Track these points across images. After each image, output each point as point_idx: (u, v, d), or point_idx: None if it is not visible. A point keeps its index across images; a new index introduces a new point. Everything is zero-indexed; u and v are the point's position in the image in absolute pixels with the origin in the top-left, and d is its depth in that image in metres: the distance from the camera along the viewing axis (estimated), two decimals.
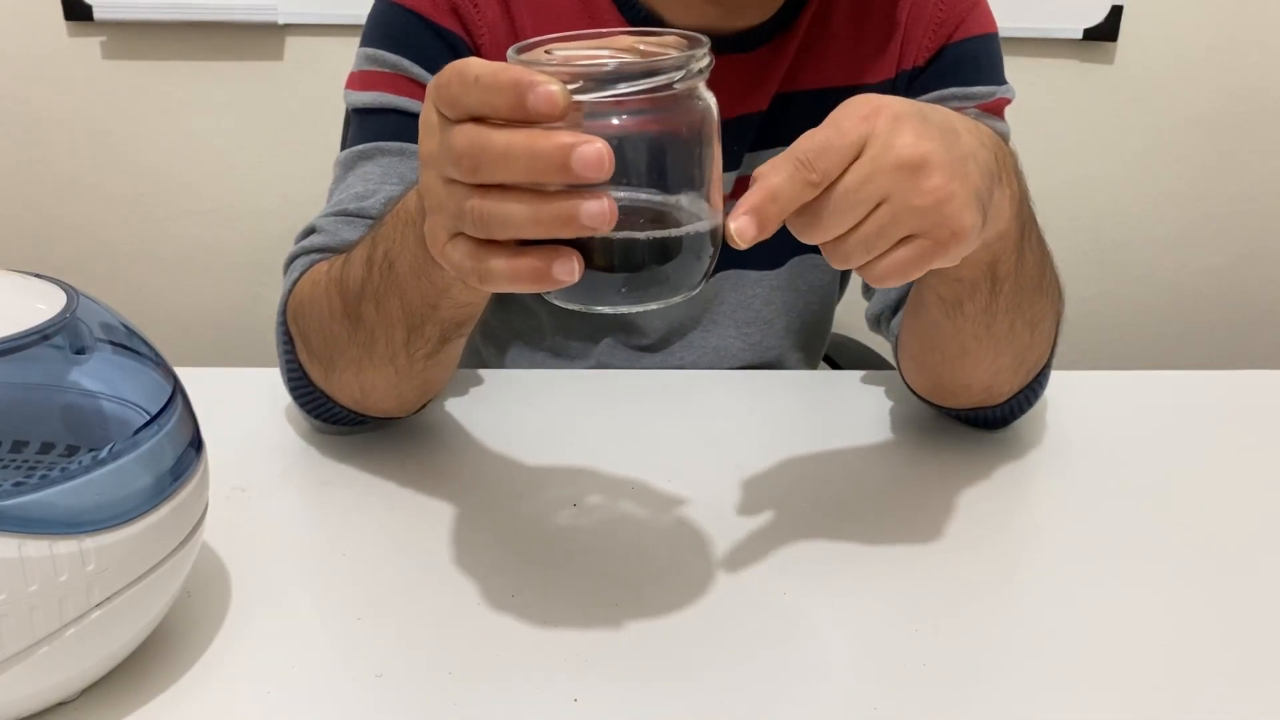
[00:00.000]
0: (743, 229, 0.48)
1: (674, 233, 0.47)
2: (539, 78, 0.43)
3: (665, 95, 0.45)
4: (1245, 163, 1.85)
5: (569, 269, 0.45)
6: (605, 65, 0.45)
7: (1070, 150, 1.81)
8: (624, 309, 0.49)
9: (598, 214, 0.43)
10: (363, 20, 0.82)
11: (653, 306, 0.49)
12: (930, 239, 0.51)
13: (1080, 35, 1.73)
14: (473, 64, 0.44)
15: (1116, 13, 1.72)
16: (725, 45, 0.80)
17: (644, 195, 0.47)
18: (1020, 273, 0.64)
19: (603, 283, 0.47)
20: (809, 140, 0.49)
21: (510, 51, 0.47)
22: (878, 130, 0.49)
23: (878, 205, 0.49)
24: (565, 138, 0.42)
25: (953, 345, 0.69)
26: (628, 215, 0.44)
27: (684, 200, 0.48)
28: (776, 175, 0.48)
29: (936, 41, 0.84)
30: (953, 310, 0.66)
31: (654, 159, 0.47)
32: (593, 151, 0.42)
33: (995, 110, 0.85)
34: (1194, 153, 1.84)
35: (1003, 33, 0.87)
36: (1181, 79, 1.79)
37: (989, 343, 0.68)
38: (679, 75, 0.45)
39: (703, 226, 0.48)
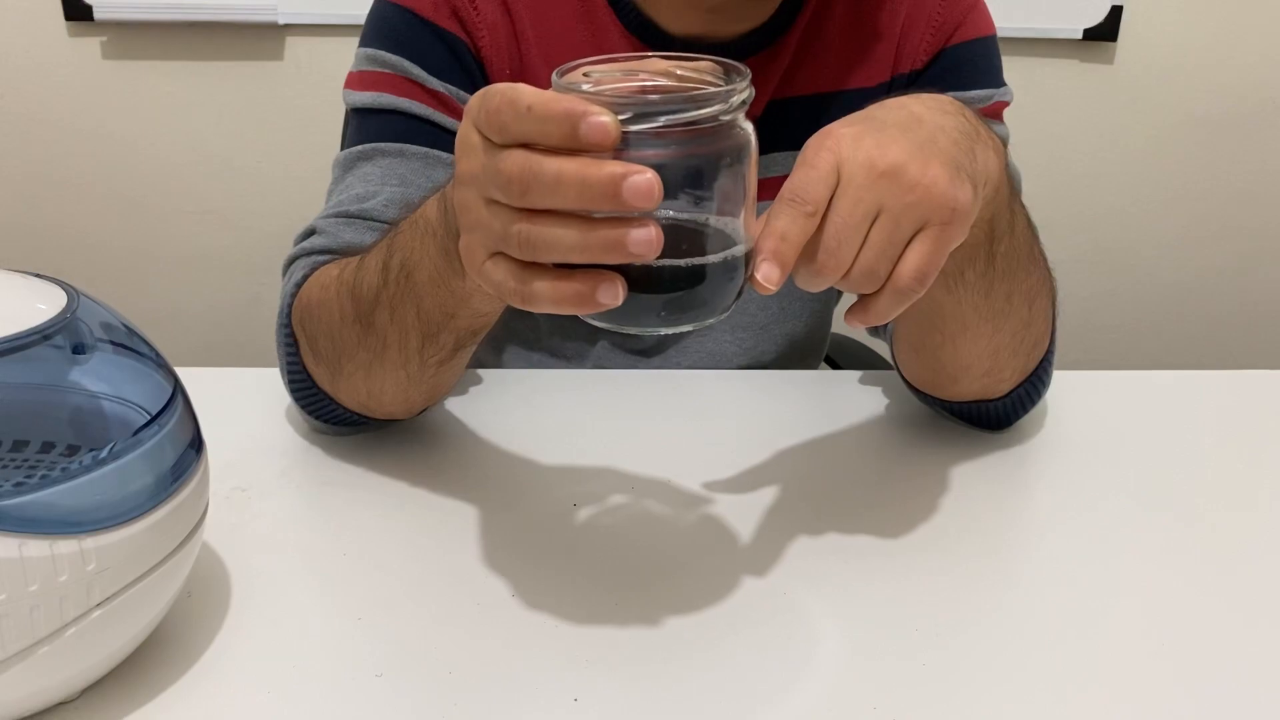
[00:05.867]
0: (768, 274, 0.50)
1: (713, 258, 0.48)
2: (591, 108, 0.43)
3: (709, 126, 0.46)
4: (1245, 163, 1.85)
5: (613, 293, 0.46)
6: (653, 98, 0.47)
7: (1070, 150, 1.81)
8: (661, 330, 0.50)
9: (644, 242, 0.44)
10: (363, 20, 0.82)
11: (687, 328, 0.50)
12: (936, 225, 0.52)
13: (1080, 35, 1.73)
14: (523, 92, 0.45)
15: (1116, 13, 1.72)
16: (719, 52, 0.79)
17: (683, 219, 0.48)
18: (1014, 234, 0.64)
19: (642, 305, 0.48)
20: (789, 184, 0.51)
21: (554, 75, 0.48)
22: (843, 153, 0.51)
23: (875, 219, 0.51)
24: (616, 168, 0.43)
25: (953, 322, 0.69)
26: (667, 238, 0.45)
27: (722, 224, 0.49)
28: (777, 219, 0.50)
29: (935, 44, 0.84)
30: (954, 283, 0.66)
31: (695, 185, 0.48)
32: (643, 182, 0.43)
33: (994, 113, 0.85)
34: (1194, 153, 1.84)
35: (1002, 33, 0.87)
36: (1181, 79, 1.79)
37: (988, 314, 0.68)
38: (724, 108, 0.47)
39: (738, 250, 0.49)
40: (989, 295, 0.66)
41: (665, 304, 0.48)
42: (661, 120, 0.45)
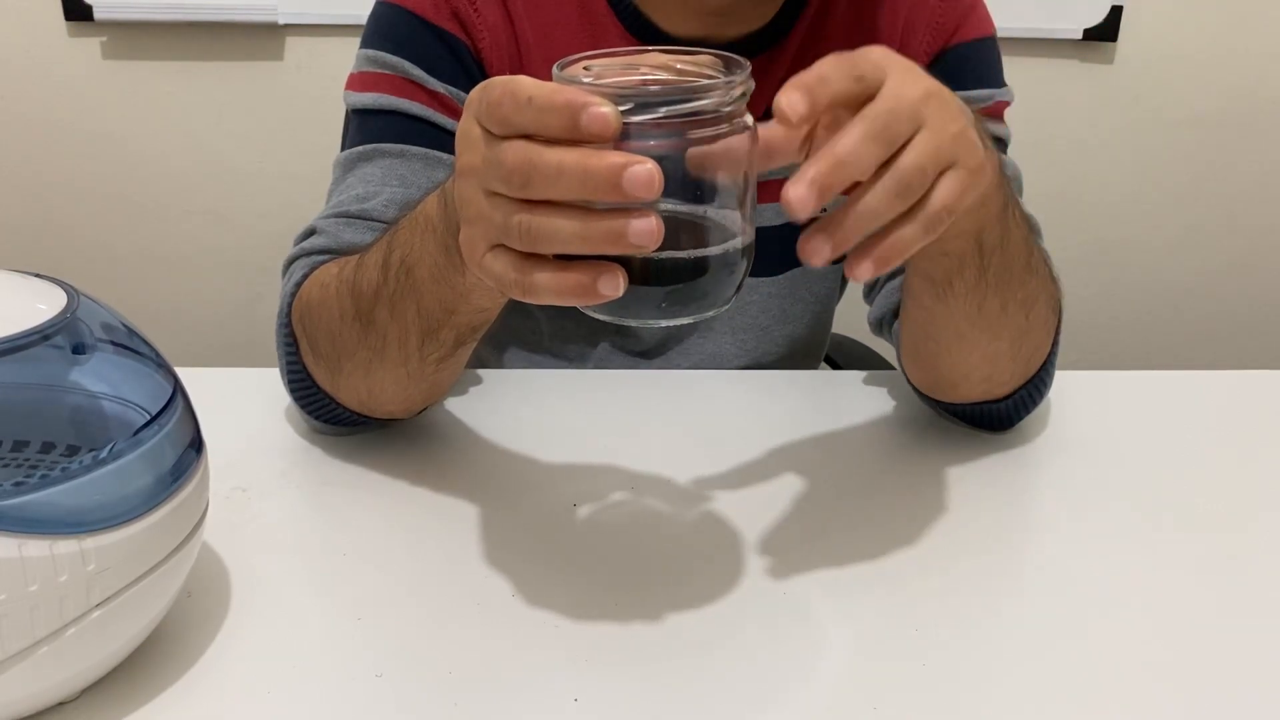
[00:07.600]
0: (792, 103, 0.48)
1: (714, 250, 0.48)
2: (592, 99, 0.44)
3: (709, 118, 0.46)
4: (1245, 163, 1.85)
5: (614, 284, 0.46)
6: (654, 89, 0.46)
7: (1070, 150, 1.81)
8: (661, 322, 0.50)
9: (645, 232, 0.44)
10: (363, 20, 0.82)
11: (687, 321, 0.50)
12: (964, 167, 0.51)
13: (1080, 35, 1.73)
14: (524, 83, 0.45)
15: (1116, 13, 1.72)
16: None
17: (683, 210, 0.48)
18: (1006, 248, 0.64)
19: (642, 297, 0.48)
20: (835, 59, 0.50)
21: (555, 69, 0.48)
22: (893, 66, 0.50)
23: (914, 134, 0.50)
24: (617, 158, 0.43)
25: (947, 331, 0.69)
26: (668, 230, 0.45)
27: (721, 216, 0.49)
28: (824, 65, 0.50)
29: (935, 45, 0.83)
30: (943, 291, 0.66)
31: (695, 177, 0.48)
32: (644, 172, 0.43)
33: (994, 114, 0.85)
34: (1194, 153, 1.84)
35: (1002, 33, 0.87)
36: (1181, 79, 1.79)
37: (982, 325, 0.68)
38: (724, 99, 0.47)
39: (739, 243, 0.49)
40: (981, 307, 0.66)
41: (665, 296, 0.48)
42: (662, 111, 0.45)
